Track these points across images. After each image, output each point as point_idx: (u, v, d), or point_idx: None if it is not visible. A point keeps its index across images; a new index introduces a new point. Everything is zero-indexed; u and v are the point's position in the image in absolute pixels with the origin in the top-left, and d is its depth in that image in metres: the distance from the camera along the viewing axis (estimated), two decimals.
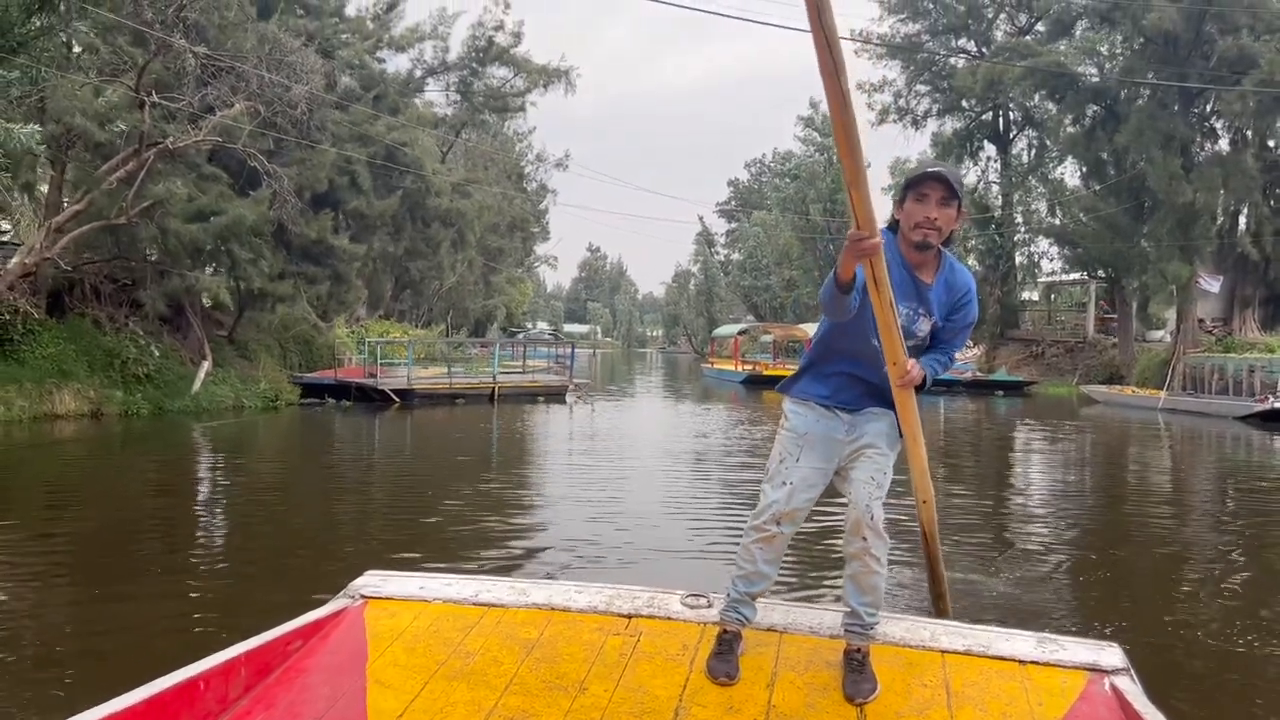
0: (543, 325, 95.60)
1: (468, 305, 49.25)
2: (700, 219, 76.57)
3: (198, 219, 17.66)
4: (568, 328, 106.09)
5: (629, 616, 3.28)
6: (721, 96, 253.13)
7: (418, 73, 27.19)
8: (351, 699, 2.70)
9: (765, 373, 36.01)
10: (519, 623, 3.23)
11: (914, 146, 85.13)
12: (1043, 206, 40.05)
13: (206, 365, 20.20)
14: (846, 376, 3.07)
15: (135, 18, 14.50)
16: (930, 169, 2.94)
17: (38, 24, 13.00)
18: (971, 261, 47.36)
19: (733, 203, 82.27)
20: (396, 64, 26.93)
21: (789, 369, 37.53)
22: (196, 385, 19.80)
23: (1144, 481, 13.64)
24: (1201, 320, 32.99)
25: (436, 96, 28.48)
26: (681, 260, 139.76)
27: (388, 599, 3.39)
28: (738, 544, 3.15)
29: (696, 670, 2.90)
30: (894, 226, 3.05)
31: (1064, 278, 43.12)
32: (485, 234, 36.24)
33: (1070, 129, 33.47)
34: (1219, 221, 31.28)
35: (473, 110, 28.54)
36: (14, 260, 15.96)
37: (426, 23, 26.31)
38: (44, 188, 19.19)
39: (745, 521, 3.15)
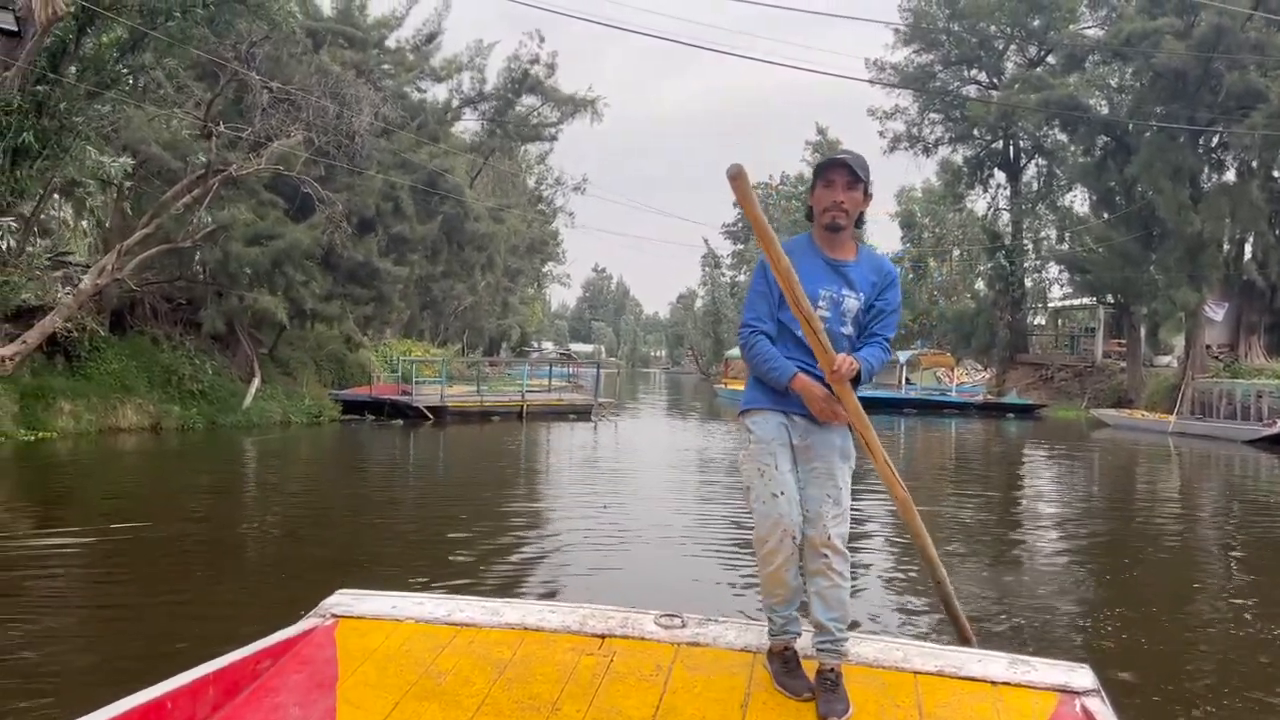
0: (548, 345, 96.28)
1: (483, 325, 50.12)
2: (705, 241, 77.37)
3: (255, 243, 18.52)
4: (573, 347, 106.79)
5: (602, 636, 3.26)
6: (720, 121, 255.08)
7: (454, 102, 28.19)
8: (322, 719, 2.69)
9: None
10: (491, 642, 3.21)
11: (919, 175, 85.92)
12: (1052, 233, 40.88)
13: (256, 382, 21.01)
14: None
15: (214, 54, 15.34)
16: (834, 156, 3.15)
17: (131, 62, 13.83)
18: (980, 285, 48.26)
19: (739, 224, 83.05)
20: (435, 93, 27.99)
21: None
22: (248, 401, 20.60)
23: (1160, 502, 14.08)
24: (1208, 346, 33.77)
25: (470, 125, 29.51)
26: (684, 281, 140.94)
27: (359, 618, 3.37)
28: (760, 575, 3.11)
29: (670, 690, 2.89)
30: (810, 215, 3.23)
31: (1073, 303, 43.89)
32: (506, 255, 37.13)
33: (1081, 159, 34.38)
34: (1225, 250, 32.14)
35: (506, 138, 29.49)
36: (85, 280, 16.75)
37: (464, 54, 27.38)
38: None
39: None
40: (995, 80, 40.29)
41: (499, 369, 38.85)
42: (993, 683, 2.95)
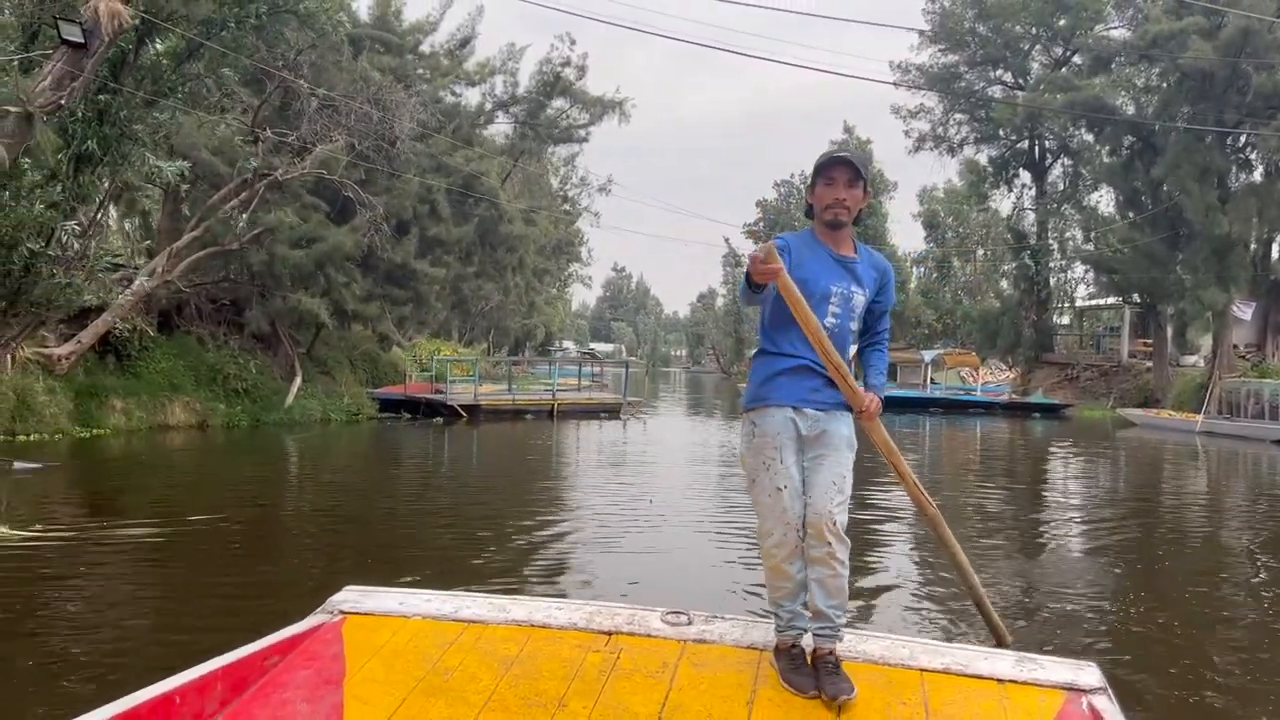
0: (569, 344, 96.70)
1: (508, 324, 50.63)
2: (726, 240, 77.42)
3: (299, 245, 19.00)
4: (593, 346, 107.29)
5: (609, 634, 3.28)
6: (743, 120, 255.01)
7: (487, 105, 28.65)
8: (329, 714, 2.70)
9: None
10: (498, 639, 3.23)
11: (942, 175, 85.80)
12: (1078, 233, 40.93)
13: (298, 381, 21.51)
14: (802, 371, 3.12)
15: (263, 62, 15.81)
16: (836, 154, 3.16)
17: (186, 71, 14.30)
18: (1004, 285, 48.30)
19: (761, 224, 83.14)
20: (468, 97, 28.46)
21: None
22: (290, 399, 21.11)
23: (1187, 500, 14.14)
24: (1235, 345, 33.77)
25: (501, 127, 29.96)
26: (705, 280, 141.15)
27: (366, 614, 3.40)
28: (765, 568, 3.16)
29: (676, 688, 2.90)
30: (810, 212, 3.25)
31: (1098, 302, 43.90)
32: (534, 256, 37.60)
33: (1107, 160, 34.46)
34: (1253, 249, 32.17)
35: (537, 140, 29.94)
36: (137, 282, 17.27)
37: (496, 58, 27.84)
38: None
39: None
40: (1021, 80, 40.36)
41: (526, 368, 39.36)
42: (999, 680, 2.95)
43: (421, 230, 22.79)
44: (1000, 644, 5.40)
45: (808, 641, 3.08)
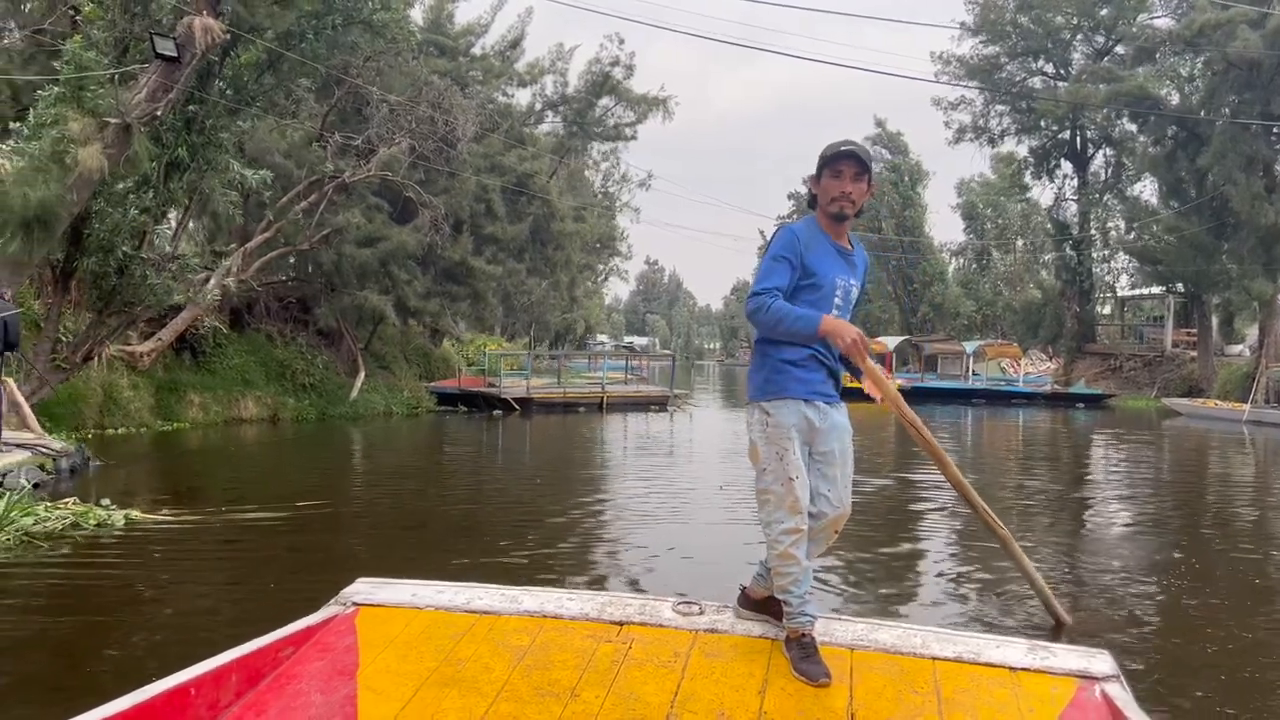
0: (603, 338, 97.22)
1: (549, 319, 51.37)
2: (761, 233, 77.68)
3: (366, 245, 19.71)
4: (627, 339, 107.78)
5: (620, 624, 3.30)
6: (777, 111, 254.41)
7: (537, 105, 29.28)
8: (343, 705, 2.72)
9: (847, 385, 37.23)
10: (510, 630, 3.25)
11: (974, 168, 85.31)
12: (1121, 224, 40.85)
13: (362, 375, 22.26)
14: (811, 363, 3.17)
15: (338, 70, 16.47)
16: (844, 148, 3.17)
17: (266, 81, 14.98)
18: (1045, 276, 48.23)
19: (795, 217, 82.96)
20: (519, 97, 29.11)
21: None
22: (354, 393, 21.86)
23: (1234, 489, 14.07)
24: None
25: (550, 125, 30.50)
26: (738, 273, 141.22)
27: (379, 606, 3.42)
28: (771, 556, 3.17)
29: (688, 677, 2.92)
30: (812, 203, 3.30)
31: (1141, 292, 43.78)
32: (580, 252, 38.20)
33: (1151, 150, 34.43)
34: None
35: (586, 138, 30.53)
36: (213, 282, 18.01)
37: (546, 58, 28.46)
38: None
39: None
40: (1062, 71, 40.31)
41: (567, 361, 40.03)
42: (1011, 668, 2.96)
43: (477, 229, 23.45)
44: (1059, 625, 5.76)
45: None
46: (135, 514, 8.79)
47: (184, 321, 18.10)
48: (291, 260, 20.20)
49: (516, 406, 25.37)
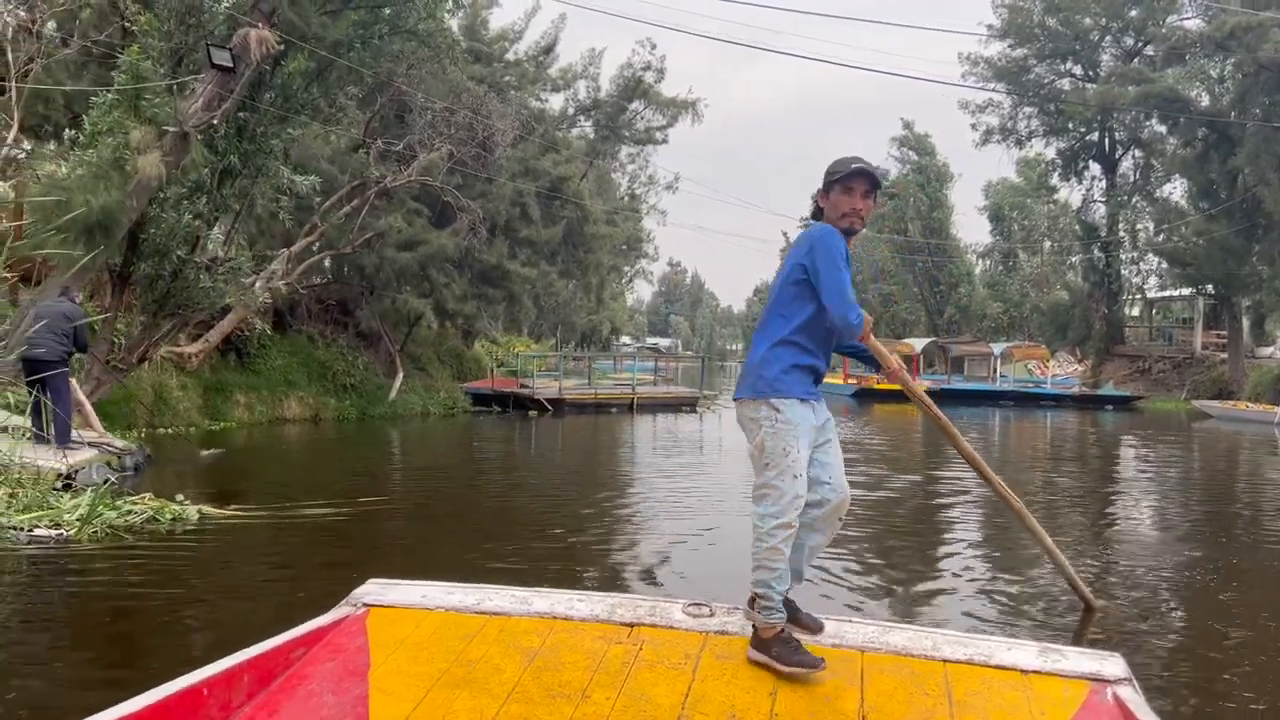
0: (626, 339, 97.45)
1: (574, 320, 51.77)
2: (785, 235, 77.66)
3: (406, 248, 20.13)
4: (650, 340, 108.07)
5: (631, 625, 3.30)
6: (799, 110, 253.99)
7: (570, 110, 29.69)
8: (354, 706, 2.73)
9: (876, 386, 37.38)
10: (521, 631, 3.26)
11: (999, 172, 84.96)
12: (1150, 225, 40.74)
13: (400, 376, 22.69)
14: (812, 367, 3.31)
15: (384, 77, 16.88)
16: (855, 165, 3.28)
17: (315, 89, 15.39)
18: (1073, 277, 48.12)
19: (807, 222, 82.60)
20: (552, 102, 29.55)
21: (894, 383, 38.77)
22: (393, 394, 22.28)
23: (1267, 489, 14.16)
24: None
25: (581, 129, 30.88)
26: (760, 274, 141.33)
27: (390, 607, 3.44)
28: (760, 549, 3.19)
29: (699, 679, 2.92)
30: (817, 215, 3.38)
31: (1170, 294, 43.63)
32: (610, 254, 38.58)
33: (1181, 151, 34.35)
34: None
35: (617, 142, 30.92)
36: (258, 284, 18.44)
37: (578, 63, 28.85)
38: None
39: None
40: (1091, 73, 40.25)
41: (588, 362, 40.42)
42: (1023, 671, 2.96)
43: (512, 232, 23.86)
44: (1089, 609, 5.92)
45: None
46: (207, 509, 9.17)
47: (230, 323, 18.55)
48: (326, 264, 20.62)
49: (550, 407, 25.71)
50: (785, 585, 3.16)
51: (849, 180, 3.25)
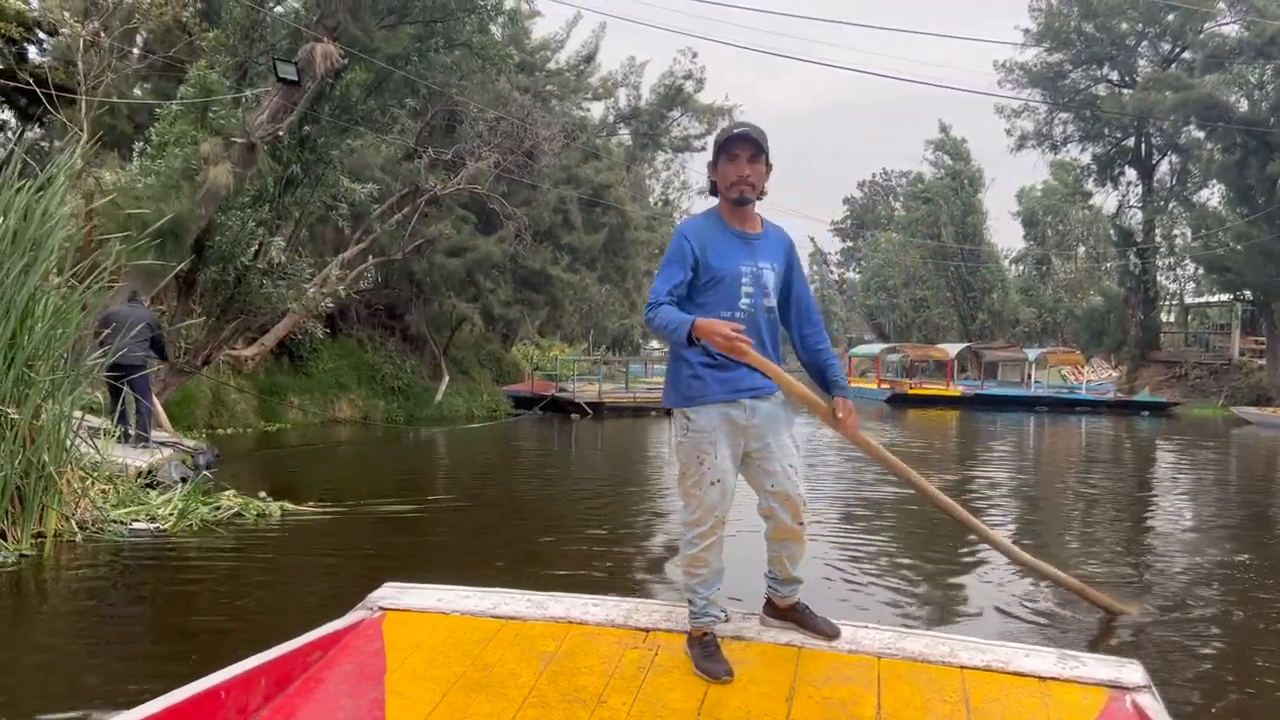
0: (654, 344, 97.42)
1: (606, 324, 52.15)
2: (811, 240, 77.52)
3: (454, 254, 20.62)
4: None
5: (647, 630, 3.30)
6: (830, 112, 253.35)
7: (610, 118, 30.14)
8: (371, 709, 2.74)
9: (910, 391, 37.52)
10: (537, 635, 3.25)
11: (1035, 177, 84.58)
12: (1187, 231, 40.56)
13: (445, 379, 23.18)
14: (728, 361, 3.06)
15: (438, 88, 17.36)
16: (736, 130, 3.11)
17: (374, 101, 15.88)
18: (1108, 283, 47.97)
19: (848, 222, 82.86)
20: (593, 110, 30.04)
21: (929, 388, 39.02)
22: (439, 397, 22.78)
23: None
24: None
25: (620, 137, 31.33)
26: None
27: (405, 611, 3.44)
28: (684, 556, 3.21)
29: (715, 684, 2.93)
30: (714, 190, 3.22)
31: (1208, 299, 43.39)
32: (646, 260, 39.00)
33: (1219, 157, 34.23)
34: None
35: (656, 149, 31.36)
36: (311, 290, 18.96)
37: (618, 71, 29.30)
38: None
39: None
40: (1127, 78, 40.16)
41: (620, 367, 40.89)
42: (1041, 678, 2.94)
43: (555, 238, 24.31)
44: (1110, 616, 5.76)
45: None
46: (288, 505, 9.61)
47: (285, 327, 19.09)
48: (372, 270, 21.16)
49: (589, 410, 26.10)
50: (708, 591, 3.16)
51: (730, 147, 3.11)
